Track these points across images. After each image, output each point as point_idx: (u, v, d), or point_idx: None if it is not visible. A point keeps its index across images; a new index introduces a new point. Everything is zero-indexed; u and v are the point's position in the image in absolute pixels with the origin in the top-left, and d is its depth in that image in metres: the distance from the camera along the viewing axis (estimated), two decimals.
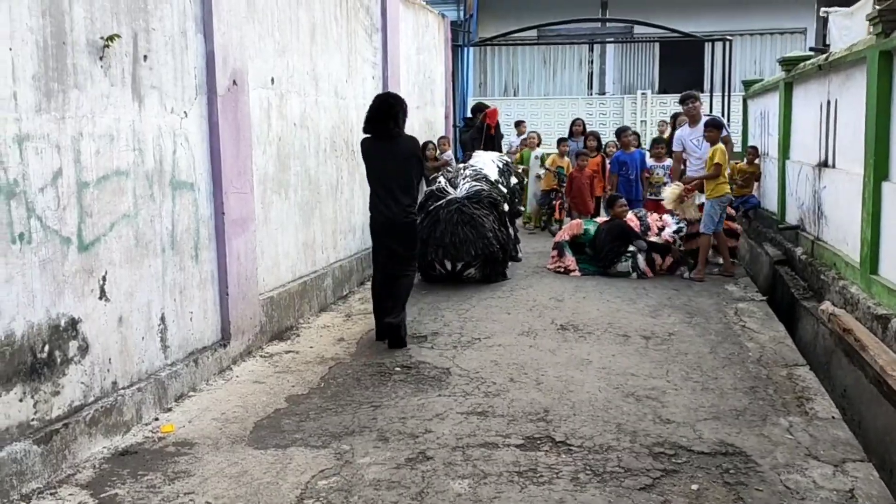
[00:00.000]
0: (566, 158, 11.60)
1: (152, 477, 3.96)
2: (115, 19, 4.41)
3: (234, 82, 5.64)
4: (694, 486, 3.73)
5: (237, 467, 4.06)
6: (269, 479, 3.92)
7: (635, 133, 11.86)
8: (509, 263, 8.77)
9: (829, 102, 7.69)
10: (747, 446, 4.16)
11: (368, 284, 8.29)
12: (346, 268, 7.99)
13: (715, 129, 8.32)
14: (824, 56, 7.88)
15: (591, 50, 23.80)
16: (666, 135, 11.12)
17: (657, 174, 10.08)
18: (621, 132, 10.99)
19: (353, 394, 5.11)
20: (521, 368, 5.49)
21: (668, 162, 9.84)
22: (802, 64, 8.88)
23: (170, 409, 4.85)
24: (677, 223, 8.76)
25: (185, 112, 5.14)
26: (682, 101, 9.17)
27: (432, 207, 7.99)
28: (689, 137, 8.85)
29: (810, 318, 6.94)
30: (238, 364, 5.70)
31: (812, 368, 5.59)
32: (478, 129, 11.88)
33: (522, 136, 13.24)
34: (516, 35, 16.62)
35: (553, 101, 22.77)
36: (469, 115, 13.64)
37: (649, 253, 8.58)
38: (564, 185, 11.31)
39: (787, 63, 9.55)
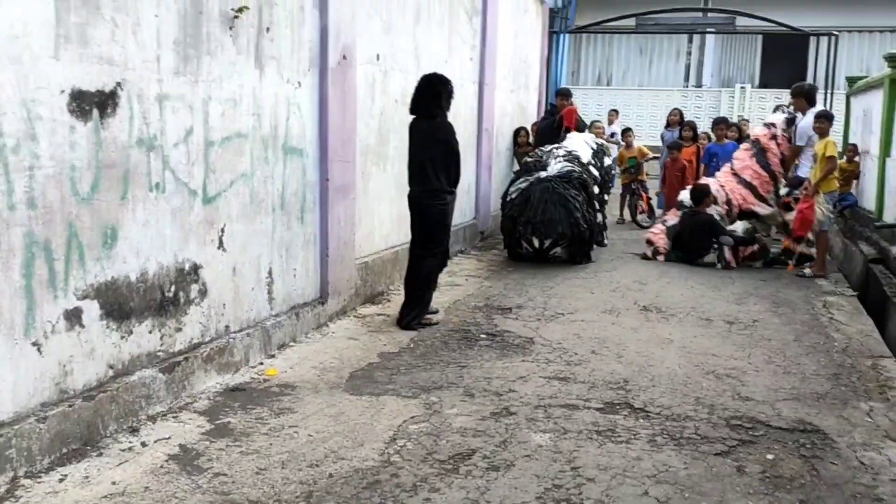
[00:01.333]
0: (634, 148, 11.71)
1: (260, 410, 4.35)
2: None
3: (344, 57, 5.99)
4: (769, 456, 3.86)
5: (335, 408, 4.41)
6: (364, 420, 4.25)
7: (736, 125, 11.72)
8: (594, 248, 8.92)
9: None
10: (825, 425, 4.25)
11: (456, 259, 8.65)
12: None
13: (827, 121, 8.19)
14: None
15: (690, 41, 23.46)
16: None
17: None
18: (716, 123, 10.92)
19: (441, 354, 5.40)
20: (603, 342, 5.68)
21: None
22: None
23: (273, 356, 5.25)
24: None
25: (298, 82, 5.51)
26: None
27: (524, 185, 8.21)
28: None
29: None
30: (333, 322, 6.07)
31: None
32: (552, 126, 11.68)
33: (613, 128, 13.27)
34: (613, 24, 16.56)
35: (647, 93, 22.58)
36: (553, 102, 13.66)
37: (735, 245, 8.59)
38: (639, 174, 11.45)
39: (894, 59, 9.33)
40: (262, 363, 5.11)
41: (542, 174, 8.28)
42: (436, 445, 3.94)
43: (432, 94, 6.02)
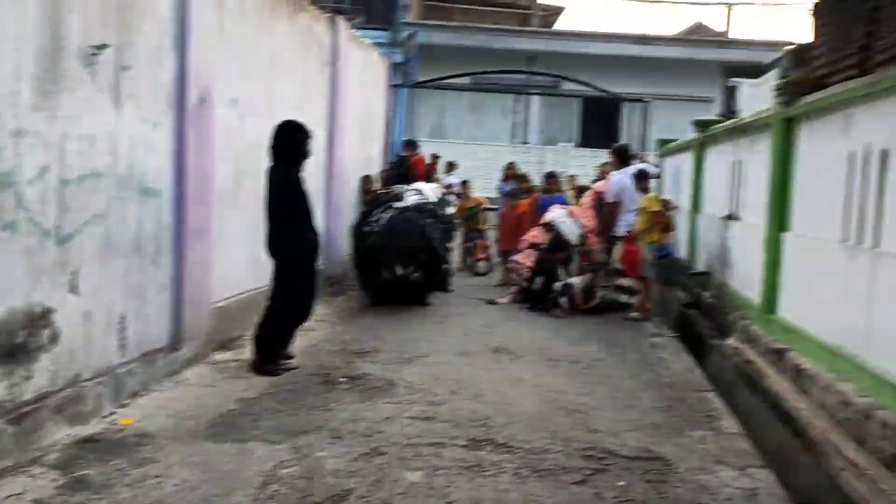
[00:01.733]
0: (472, 199, 12.34)
1: (118, 462, 4.16)
2: (104, 29, 4.70)
3: (203, 99, 5.94)
4: (621, 483, 4.19)
5: (199, 457, 4.30)
6: (231, 467, 4.17)
7: (558, 178, 12.54)
8: (443, 292, 9.27)
9: (736, 162, 8.50)
10: (665, 452, 4.67)
11: None
12: None
13: (645, 179, 9.02)
14: (734, 120, 8.73)
15: (517, 101, 24.84)
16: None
17: None
18: (548, 177, 11.67)
19: (303, 398, 5.40)
20: (461, 383, 5.90)
21: None
22: (714, 126, 9.75)
23: (125, 405, 5.03)
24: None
25: (157, 123, 5.42)
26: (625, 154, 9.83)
27: (387, 215, 8.47)
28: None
29: (716, 353, 7.60)
30: (188, 368, 5.89)
31: (718, 395, 6.19)
32: (400, 173, 12.02)
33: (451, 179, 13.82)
34: (451, 81, 17.31)
35: (479, 147, 23.62)
36: (402, 152, 14.04)
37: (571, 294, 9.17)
38: (478, 222, 12.06)
39: (701, 125, 10.44)
40: (114, 413, 4.88)
41: (400, 204, 8.57)
42: (310, 488, 3.95)
43: (287, 141, 6.07)
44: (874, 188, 4.87)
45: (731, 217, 8.57)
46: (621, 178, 9.24)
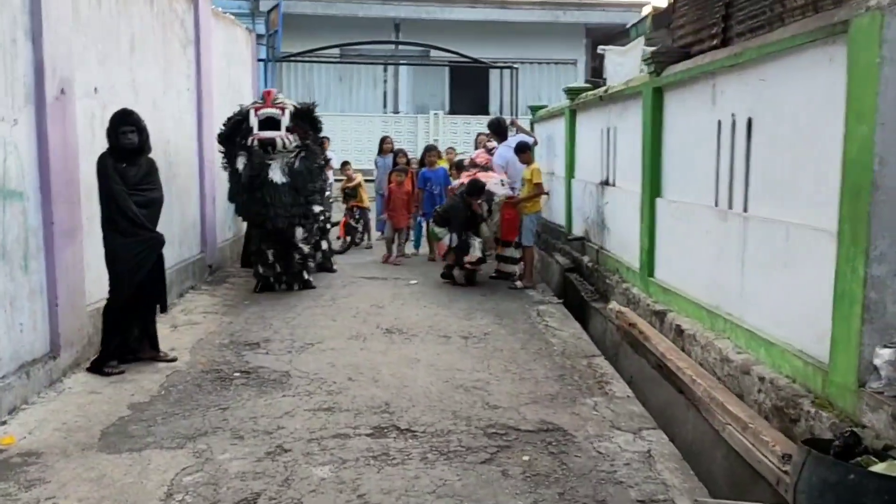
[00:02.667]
0: (355, 179, 12.25)
1: (4, 486, 3.92)
2: None
3: (63, 91, 5.57)
4: (525, 458, 4.33)
5: (94, 472, 4.11)
6: (131, 479, 4.02)
7: (438, 151, 12.60)
8: (327, 273, 9.18)
9: (609, 129, 8.81)
10: (563, 423, 4.85)
11: (188, 296, 8.34)
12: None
13: (529, 152, 9.20)
14: (604, 88, 9.02)
15: (386, 70, 24.68)
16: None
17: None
18: (427, 150, 11.69)
19: (198, 399, 5.24)
20: (357, 369, 5.89)
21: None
22: (585, 94, 10.04)
23: (5, 423, 4.72)
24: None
25: (15, 120, 5.04)
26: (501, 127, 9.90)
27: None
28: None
29: (599, 316, 7.94)
30: (69, 376, 5.59)
31: (606, 359, 6.48)
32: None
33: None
34: (319, 52, 16.96)
35: (350, 119, 23.36)
36: None
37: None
38: (358, 199, 12.01)
39: (572, 92, 10.72)
40: None
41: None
42: (217, 495, 3.86)
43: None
44: (742, 155, 5.18)
45: (605, 183, 8.90)
46: (504, 150, 9.38)
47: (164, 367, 5.89)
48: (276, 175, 8.04)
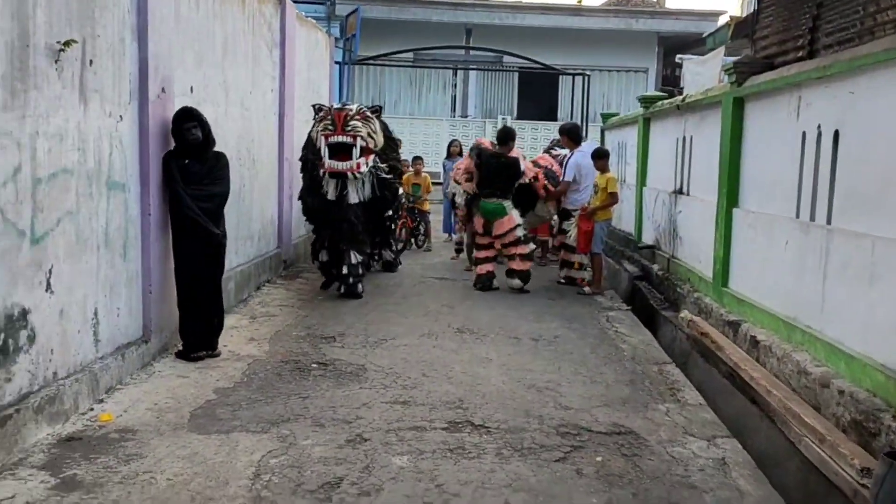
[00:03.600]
0: (422, 176, 12.33)
1: (105, 459, 4.17)
2: (69, 25, 4.60)
3: (163, 89, 5.87)
4: (598, 458, 4.40)
5: (186, 450, 4.33)
6: (220, 458, 4.23)
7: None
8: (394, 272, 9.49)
9: (685, 138, 8.79)
10: (636, 426, 4.90)
11: (265, 289, 8.63)
12: (245, 272, 8.23)
13: (606, 159, 9.23)
14: (682, 97, 9.00)
15: (455, 74, 24.89)
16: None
17: None
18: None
19: (278, 387, 5.45)
20: (430, 365, 6.03)
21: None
22: (660, 102, 10.03)
23: (102, 401, 5.01)
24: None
25: (120, 116, 5.34)
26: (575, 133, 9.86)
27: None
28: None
29: (668, 325, 7.92)
30: (158, 360, 5.87)
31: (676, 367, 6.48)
32: None
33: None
34: (393, 56, 17.25)
35: (418, 122, 23.67)
36: None
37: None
38: (421, 203, 12.12)
39: (646, 101, 10.71)
40: (92, 409, 4.86)
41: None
42: (301, 477, 4.04)
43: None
44: (827, 167, 5.15)
45: (679, 192, 8.88)
46: (578, 157, 9.38)
47: (245, 356, 6.14)
48: (352, 197, 8.19)
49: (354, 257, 8.35)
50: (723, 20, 20.46)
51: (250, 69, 8.30)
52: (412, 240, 12.49)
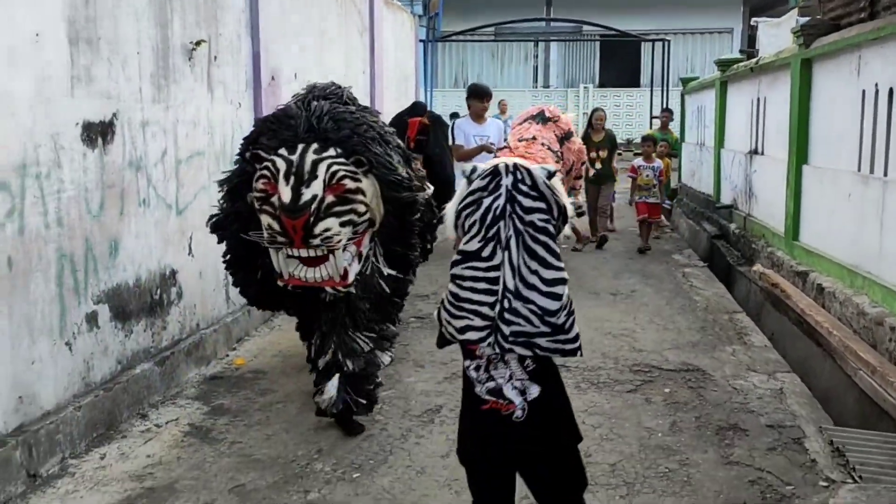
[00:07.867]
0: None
1: (245, 392, 4.99)
2: (198, 27, 5.40)
3: (273, 77, 6.64)
4: (666, 389, 4.96)
5: (309, 386, 5.05)
6: None
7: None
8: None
9: (758, 99, 9.06)
10: (703, 364, 5.42)
11: None
12: None
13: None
14: (755, 60, 9.25)
15: (536, 46, 25.22)
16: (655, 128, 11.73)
17: (646, 175, 10.33)
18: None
19: None
20: None
21: (658, 163, 10.38)
22: (736, 65, 10.26)
23: (234, 349, 5.86)
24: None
25: (239, 103, 6.13)
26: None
27: None
28: None
29: (744, 279, 8.30)
30: (276, 316, 6.70)
31: (747, 315, 6.91)
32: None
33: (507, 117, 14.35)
34: (477, 31, 17.78)
35: (501, 94, 24.12)
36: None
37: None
38: None
39: (723, 64, 10.94)
40: (227, 355, 5.71)
41: None
42: (408, 405, 4.76)
43: None
44: (883, 123, 5.48)
45: (754, 152, 9.17)
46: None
47: None
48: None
49: (348, 364, 4.43)
50: None
51: (343, 54, 9.03)
52: None
